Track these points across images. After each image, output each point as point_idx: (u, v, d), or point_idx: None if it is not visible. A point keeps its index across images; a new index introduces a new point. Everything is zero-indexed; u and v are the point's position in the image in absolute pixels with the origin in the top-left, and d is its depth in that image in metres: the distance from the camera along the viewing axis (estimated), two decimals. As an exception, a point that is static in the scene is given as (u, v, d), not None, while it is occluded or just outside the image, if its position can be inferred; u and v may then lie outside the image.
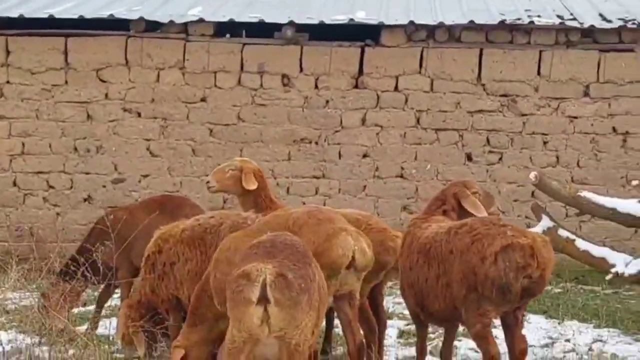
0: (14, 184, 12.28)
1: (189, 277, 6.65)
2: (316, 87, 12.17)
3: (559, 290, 10.48)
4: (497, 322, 6.19)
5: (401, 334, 8.19)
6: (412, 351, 7.78)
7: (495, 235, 5.87)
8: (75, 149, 12.20)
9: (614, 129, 12.18)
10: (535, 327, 8.42)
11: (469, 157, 12.24)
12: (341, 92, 12.17)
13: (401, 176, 12.24)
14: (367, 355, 6.32)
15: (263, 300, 4.71)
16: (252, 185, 7.46)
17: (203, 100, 12.19)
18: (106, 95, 12.17)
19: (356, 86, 12.18)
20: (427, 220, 6.61)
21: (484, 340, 5.96)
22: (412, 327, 8.49)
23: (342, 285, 5.88)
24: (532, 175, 9.27)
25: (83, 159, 12.19)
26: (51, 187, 12.24)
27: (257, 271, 4.74)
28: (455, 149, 12.23)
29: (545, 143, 12.20)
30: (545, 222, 8.89)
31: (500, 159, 12.23)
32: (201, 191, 11.85)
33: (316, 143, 12.21)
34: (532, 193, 12.06)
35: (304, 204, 11.63)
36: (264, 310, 4.72)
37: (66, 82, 12.15)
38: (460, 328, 6.79)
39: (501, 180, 12.20)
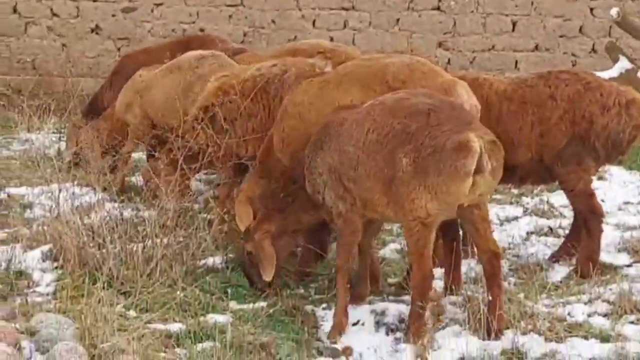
0: (14, 10, 11.25)
1: (253, 134, 5.96)
2: None
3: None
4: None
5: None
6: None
7: (613, 86, 5.50)
8: (82, -27, 11.12)
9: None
10: (621, 182, 7.63)
11: (512, -12, 11.26)
12: None
13: (438, 8, 11.29)
14: None
15: (477, 169, 4.54)
16: None
17: None
18: None
19: None
20: None
21: (589, 198, 5.48)
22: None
23: None
24: (614, 11, 8.38)
25: (90, -16, 11.13)
26: (55, 15, 11.20)
27: (474, 142, 4.51)
28: (498, -22, 11.22)
29: (597, -28, 11.22)
30: (623, 64, 8.04)
31: (547, -11, 11.27)
32: (219, 23, 10.95)
33: (346, -30, 11.19)
34: (580, 29, 11.16)
35: (331, 38, 10.75)
36: (473, 179, 4.57)
37: None
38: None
39: (547, 13, 11.21)
